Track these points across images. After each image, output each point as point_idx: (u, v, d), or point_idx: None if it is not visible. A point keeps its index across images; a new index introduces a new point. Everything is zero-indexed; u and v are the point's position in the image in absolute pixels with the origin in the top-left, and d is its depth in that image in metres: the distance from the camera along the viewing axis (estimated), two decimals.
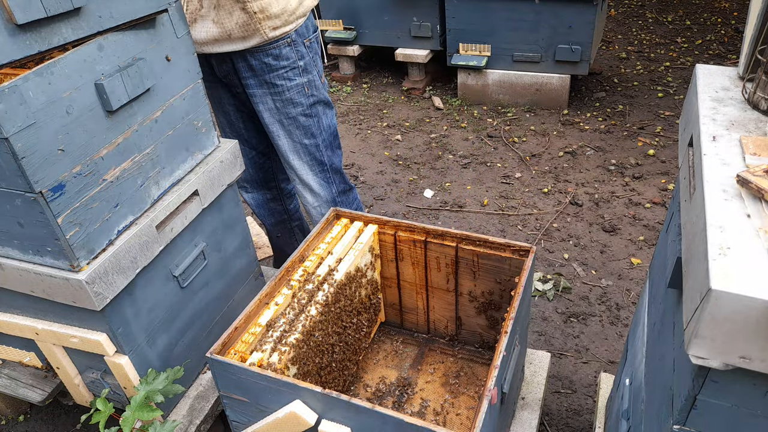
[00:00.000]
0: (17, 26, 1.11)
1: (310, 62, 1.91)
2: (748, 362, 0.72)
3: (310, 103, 1.94)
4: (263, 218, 2.39)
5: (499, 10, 3.81)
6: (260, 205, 2.34)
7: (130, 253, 1.42)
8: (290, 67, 1.86)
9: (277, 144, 2.00)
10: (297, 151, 2.00)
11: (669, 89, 4.25)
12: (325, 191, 2.08)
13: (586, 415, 2.05)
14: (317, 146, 2.01)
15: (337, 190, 2.12)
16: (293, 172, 2.06)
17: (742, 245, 0.74)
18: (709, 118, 1.02)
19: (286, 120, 1.93)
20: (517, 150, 3.65)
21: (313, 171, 2.04)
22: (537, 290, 2.56)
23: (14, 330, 1.59)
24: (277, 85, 1.87)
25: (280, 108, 1.91)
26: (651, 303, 1.32)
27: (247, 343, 1.35)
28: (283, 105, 1.90)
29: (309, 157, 2.01)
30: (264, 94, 1.89)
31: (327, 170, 2.06)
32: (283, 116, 1.92)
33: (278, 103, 1.90)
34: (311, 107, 1.95)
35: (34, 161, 1.16)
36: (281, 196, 2.37)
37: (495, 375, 1.20)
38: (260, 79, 1.86)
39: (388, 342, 1.95)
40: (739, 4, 5.77)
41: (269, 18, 1.74)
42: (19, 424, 2.10)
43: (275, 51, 1.82)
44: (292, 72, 1.87)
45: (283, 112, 1.92)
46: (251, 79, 1.87)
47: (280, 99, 1.89)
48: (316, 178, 2.05)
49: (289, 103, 1.90)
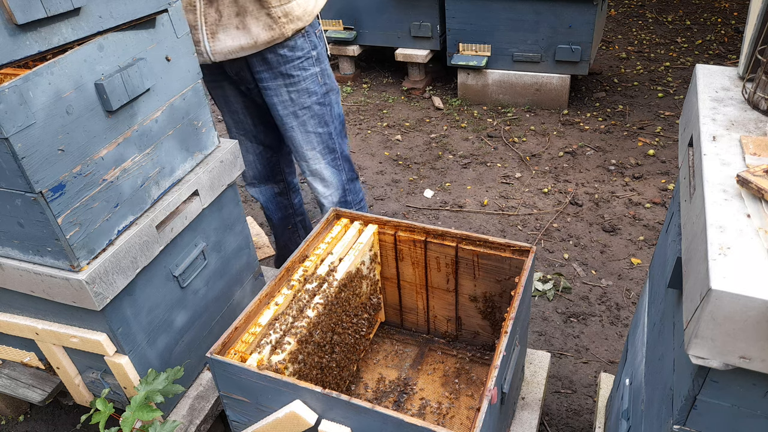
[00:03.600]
0: (17, 26, 1.11)
1: (322, 51, 1.95)
2: (748, 362, 0.72)
3: (324, 92, 1.97)
4: (271, 212, 2.42)
5: (499, 10, 3.81)
6: (269, 200, 2.37)
7: (130, 253, 1.42)
8: (305, 58, 1.89)
9: (290, 136, 2.01)
10: (310, 141, 2.02)
11: (669, 89, 4.25)
12: (336, 179, 2.11)
13: (586, 415, 2.05)
14: (330, 134, 2.03)
15: (346, 177, 2.15)
16: (305, 163, 2.07)
17: (742, 245, 0.74)
18: (709, 118, 1.02)
19: (301, 110, 1.95)
20: (517, 150, 3.65)
21: (325, 160, 2.06)
22: (537, 290, 2.56)
23: (14, 330, 1.59)
24: (293, 76, 1.89)
25: (295, 99, 1.93)
26: (651, 303, 1.32)
27: (247, 343, 1.35)
28: (299, 95, 1.92)
29: (322, 146, 2.04)
30: (278, 87, 1.91)
31: (338, 158, 2.09)
32: (298, 107, 1.94)
33: (293, 94, 1.92)
34: (325, 96, 1.97)
35: (34, 161, 1.16)
36: (288, 190, 2.41)
37: (495, 375, 1.20)
38: (275, 71, 1.88)
39: (388, 342, 1.95)
40: (739, 4, 5.77)
41: (292, 21, 1.79)
42: (19, 424, 2.10)
43: (290, 42, 1.84)
44: (307, 62, 1.90)
45: (298, 102, 1.94)
46: (265, 73, 1.89)
47: (295, 90, 1.91)
48: (327, 166, 2.08)
49: (305, 93, 1.93)
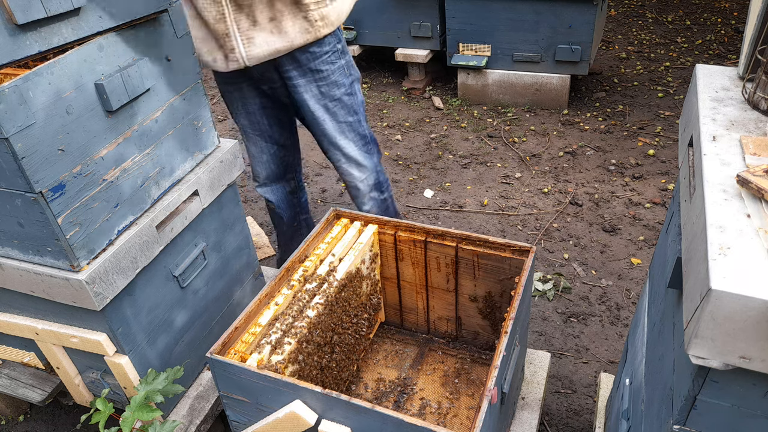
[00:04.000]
0: (17, 26, 1.11)
1: (344, 42, 2.00)
2: (748, 362, 0.72)
3: (350, 82, 2.01)
4: (282, 211, 2.44)
5: (499, 10, 3.81)
6: (281, 199, 2.40)
7: (130, 253, 1.42)
8: (332, 51, 1.92)
9: (322, 129, 2.05)
10: (342, 131, 2.06)
11: (669, 89, 4.25)
12: (368, 161, 2.16)
13: (586, 415, 2.05)
14: (359, 122, 2.09)
15: (377, 158, 2.20)
16: (339, 152, 2.11)
17: (742, 245, 0.74)
18: (709, 118, 1.02)
19: (331, 103, 1.99)
20: (517, 150, 3.65)
21: (357, 146, 2.11)
22: (537, 290, 2.56)
23: (14, 330, 1.59)
24: (322, 71, 1.93)
25: (325, 92, 1.97)
26: (651, 303, 1.32)
27: (247, 343, 1.35)
28: (329, 89, 1.96)
29: (353, 133, 2.08)
30: (308, 83, 1.94)
31: (369, 142, 2.15)
32: (328, 99, 1.98)
33: (323, 88, 1.96)
34: (351, 85, 2.02)
35: (34, 161, 1.17)
36: (297, 188, 2.44)
37: (495, 375, 1.20)
38: (304, 68, 1.91)
39: (388, 342, 1.95)
40: (739, 4, 5.77)
41: (327, 25, 1.84)
42: (19, 424, 2.10)
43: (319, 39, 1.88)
44: (334, 55, 1.93)
45: (328, 95, 1.97)
46: (295, 71, 1.92)
47: (325, 83, 1.95)
48: (360, 151, 2.13)
49: (334, 86, 1.96)
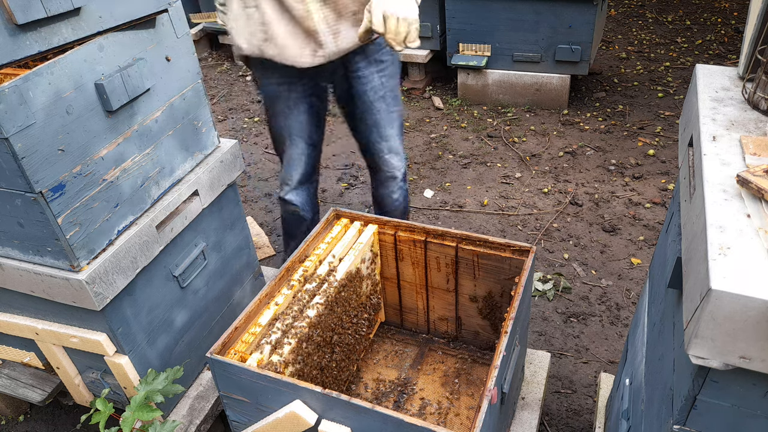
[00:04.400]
0: (17, 26, 1.11)
1: None
2: (748, 362, 0.72)
3: (398, 72, 2.07)
4: (306, 213, 2.42)
5: (499, 10, 3.81)
6: (306, 201, 2.39)
7: (130, 253, 1.42)
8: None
9: (375, 119, 2.08)
10: (392, 121, 2.11)
11: (669, 89, 4.25)
12: (403, 151, 2.21)
13: (586, 415, 2.05)
14: (401, 112, 2.14)
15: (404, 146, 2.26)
16: (385, 143, 2.14)
17: (742, 245, 0.74)
18: (709, 118, 1.02)
19: (388, 93, 2.04)
20: (517, 150, 3.65)
21: (399, 136, 2.17)
22: (537, 290, 2.56)
23: (14, 330, 1.59)
24: (383, 61, 1.97)
25: (384, 83, 2.01)
26: (651, 303, 1.32)
27: (247, 343, 1.35)
28: (387, 79, 2.02)
29: (398, 122, 2.14)
30: (371, 74, 1.98)
31: (403, 131, 2.20)
32: (386, 90, 2.03)
33: (383, 79, 2.01)
34: (397, 76, 2.08)
35: (34, 161, 1.17)
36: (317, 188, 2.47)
37: (495, 375, 1.20)
38: (370, 59, 1.95)
39: (388, 342, 1.95)
40: (739, 4, 5.77)
41: None
42: (19, 424, 2.10)
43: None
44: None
45: (386, 86, 2.02)
46: (362, 62, 1.95)
47: (385, 74, 2.00)
48: (400, 140, 2.18)
49: (390, 77, 2.02)
